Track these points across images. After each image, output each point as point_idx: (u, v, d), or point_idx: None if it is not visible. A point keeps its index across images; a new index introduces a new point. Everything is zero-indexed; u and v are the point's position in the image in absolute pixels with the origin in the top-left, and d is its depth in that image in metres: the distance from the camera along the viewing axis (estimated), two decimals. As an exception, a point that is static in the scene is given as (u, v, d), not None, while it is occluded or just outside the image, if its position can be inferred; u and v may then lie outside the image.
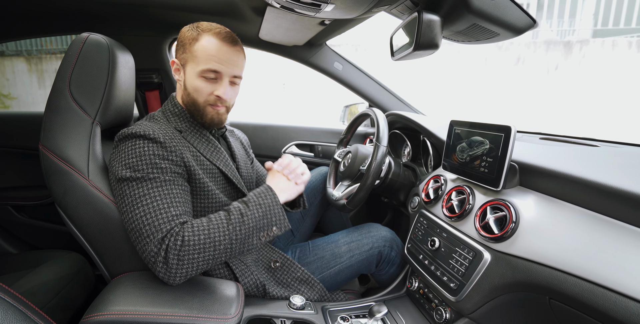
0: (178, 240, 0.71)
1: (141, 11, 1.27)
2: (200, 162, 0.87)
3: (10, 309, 0.50)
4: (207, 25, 0.87)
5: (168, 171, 0.77)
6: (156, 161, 0.76)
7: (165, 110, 0.92)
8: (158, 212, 0.73)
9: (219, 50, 0.84)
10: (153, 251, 0.70)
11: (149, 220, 0.72)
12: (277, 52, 1.52)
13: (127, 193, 0.75)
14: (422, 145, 1.30)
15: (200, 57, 0.84)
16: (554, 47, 5.20)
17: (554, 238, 0.64)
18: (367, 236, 1.08)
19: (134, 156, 0.76)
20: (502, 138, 0.75)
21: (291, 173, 0.93)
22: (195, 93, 0.87)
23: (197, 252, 0.71)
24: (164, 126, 0.85)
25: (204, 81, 0.85)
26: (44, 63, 6.11)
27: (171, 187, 0.77)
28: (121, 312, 0.66)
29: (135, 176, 0.75)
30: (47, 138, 0.84)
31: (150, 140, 0.78)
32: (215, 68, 0.84)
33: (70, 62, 0.87)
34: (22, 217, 1.56)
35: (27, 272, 1.10)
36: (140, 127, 0.80)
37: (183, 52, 0.87)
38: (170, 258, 0.70)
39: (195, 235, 0.72)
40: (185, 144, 0.85)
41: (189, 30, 0.86)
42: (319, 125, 1.73)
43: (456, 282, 0.79)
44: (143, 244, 0.72)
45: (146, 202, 0.73)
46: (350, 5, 0.76)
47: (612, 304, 0.51)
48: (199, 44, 0.84)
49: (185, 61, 0.87)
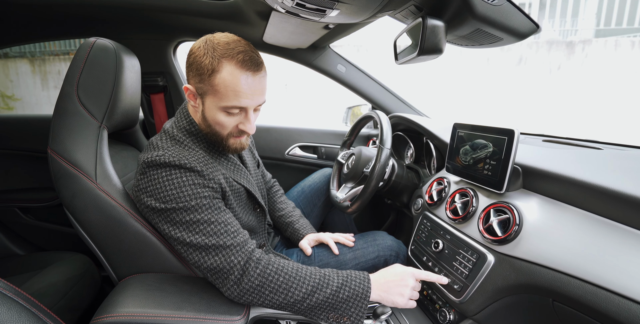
0: (259, 265, 0.73)
1: (147, 15, 1.28)
2: (230, 184, 0.86)
3: (24, 312, 0.51)
4: (224, 47, 0.74)
5: (210, 198, 0.76)
6: (197, 191, 0.74)
7: (181, 128, 0.83)
8: (219, 233, 0.74)
9: (244, 85, 0.74)
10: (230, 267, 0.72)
11: (214, 241, 0.73)
12: (281, 54, 1.53)
13: (176, 220, 0.74)
14: (425, 147, 1.31)
15: (223, 93, 0.74)
16: (557, 47, 5.19)
17: (558, 241, 0.64)
18: (372, 245, 1.07)
19: (173, 187, 0.73)
20: (505, 142, 0.75)
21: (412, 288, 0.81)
22: (217, 126, 0.80)
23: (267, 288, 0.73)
24: (193, 150, 0.81)
25: (227, 116, 0.78)
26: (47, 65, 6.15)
27: (218, 207, 0.77)
28: (130, 314, 0.68)
29: (179, 206, 0.73)
30: (55, 142, 0.85)
31: (187, 169, 0.74)
32: (242, 105, 0.76)
33: (77, 67, 0.88)
34: (29, 219, 1.57)
35: (34, 274, 1.11)
36: (171, 154, 0.75)
37: (200, 81, 0.75)
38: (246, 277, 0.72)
39: (274, 271, 0.74)
40: (216, 168, 0.82)
41: (205, 56, 0.73)
42: (322, 127, 1.74)
43: (460, 284, 0.80)
44: (213, 261, 0.73)
45: (203, 227, 0.73)
46: (354, 11, 0.77)
47: (615, 307, 0.51)
48: (221, 77, 0.73)
49: (203, 92, 0.76)
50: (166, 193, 0.73)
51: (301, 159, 1.70)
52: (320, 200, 1.35)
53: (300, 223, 1.15)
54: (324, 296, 0.74)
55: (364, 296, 0.76)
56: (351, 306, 0.75)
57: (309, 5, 0.75)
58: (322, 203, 1.35)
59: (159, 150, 0.76)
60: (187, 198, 0.73)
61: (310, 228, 1.15)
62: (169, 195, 0.73)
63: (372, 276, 0.80)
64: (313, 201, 1.33)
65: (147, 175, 0.75)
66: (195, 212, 0.73)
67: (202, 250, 0.73)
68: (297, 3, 0.75)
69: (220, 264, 0.72)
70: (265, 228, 1.04)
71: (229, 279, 0.72)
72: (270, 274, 0.73)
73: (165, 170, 0.74)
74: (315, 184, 1.36)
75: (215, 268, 0.72)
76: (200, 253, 0.73)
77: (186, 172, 0.74)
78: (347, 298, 0.75)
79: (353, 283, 0.76)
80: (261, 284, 0.72)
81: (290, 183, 1.49)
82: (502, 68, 5.37)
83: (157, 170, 0.74)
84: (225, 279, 0.72)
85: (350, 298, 0.75)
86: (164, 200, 0.73)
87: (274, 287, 0.72)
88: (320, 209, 1.36)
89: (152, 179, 0.75)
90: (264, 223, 1.03)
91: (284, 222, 1.16)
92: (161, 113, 1.59)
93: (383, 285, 0.79)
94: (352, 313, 0.75)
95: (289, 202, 1.23)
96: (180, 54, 1.60)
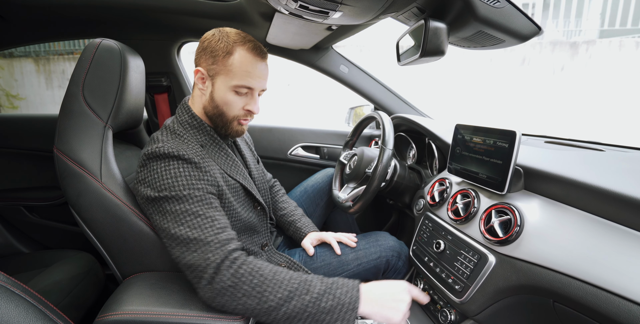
0: (233, 265, 0.69)
1: (151, 16, 1.30)
2: (226, 179, 0.87)
3: (31, 308, 0.52)
4: (236, 35, 0.83)
5: (204, 190, 0.77)
6: (192, 181, 0.76)
7: (183, 122, 0.88)
8: (203, 227, 0.72)
9: (254, 66, 0.83)
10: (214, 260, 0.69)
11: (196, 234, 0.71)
12: (284, 55, 1.54)
13: (167, 209, 0.74)
14: (427, 148, 1.31)
15: (235, 72, 0.82)
16: (560, 48, 5.17)
17: (559, 242, 0.65)
18: (374, 245, 1.08)
19: (170, 176, 0.75)
20: (507, 143, 0.75)
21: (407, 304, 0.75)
22: (225, 106, 0.85)
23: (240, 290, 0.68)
24: (191, 143, 0.84)
25: (236, 95, 0.84)
26: (51, 64, 6.18)
27: (210, 202, 0.76)
28: (134, 312, 0.68)
29: (171, 195, 0.74)
30: (61, 141, 0.86)
31: (184, 160, 0.77)
32: (250, 85, 0.84)
33: (83, 67, 0.89)
34: (34, 217, 1.59)
35: (39, 271, 1.12)
36: (170, 146, 0.78)
37: (213, 63, 0.82)
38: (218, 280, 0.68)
39: (249, 272, 0.69)
40: (212, 163, 0.85)
41: (220, 41, 0.82)
42: (324, 127, 1.75)
43: (461, 284, 0.80)
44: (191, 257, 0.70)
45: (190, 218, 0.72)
46: (357, 13, 0.78)
47: (615, 308, 0.52)
48: (234, 59, 0.81)
49: (215, 73, 0.83)
50: (162, 181, 0.75)
51: (304, 159, 1.71)
52: (323, 200, 1.35)
53: (302, 221, 1.16)
54: (302, 303, 0.66)
55: (351, 307, 0.68)
56: (335, 319, 0.67)
57: (312, 7, 0.76)
58: (325, 203, 1.36)
59: (159, 143, 0.80)
60: (180, 188, 0.74)
61: (312, 226, 1.15)
62: (165, 183, 0.75)
63: (363, 286, 0.73)
64: (315, 202, 1.34)
65: (147, 167, 0.78)
66: (185, 202, 0.74)
67: (184, 245, 0.71)
68: (300, 5, 0.76)
69: (197, 261, 0.69)
70: (267, 226, 1.05)
71: (202, 279, 0.68)
72: (244, 275, 0.68)
73: (164, 161, 0.77)
74: (317, 184, 1.36)
75: (192, 265, 0.69)
76: (181, 248, 0.71)
77: (184, 163, 0.77)
78: (330, 308, 0.67)
79: (338, 291, 0.69)
80: (234, 285, 0.67)
81: (292, 183, 1.49)
82: (505, 69, 5.35)
83: (157, 161, 0.77)
84: (200, 278, 0.69)
85: (334, 308, 0.67)
86: (159, 188, 0.75)
87: (247, 289, 0.67)
88: (323, 209, 1.36)
89: (150, 170, 0.77)
90: (266, 222, 1.03)
91: (286, 221, 1.17)
92: (165, 113, 1.61)
93: (377, 297, 0.72)
94: None
95: (290, 201, 1.24)
96: (184, 54, 1.61)
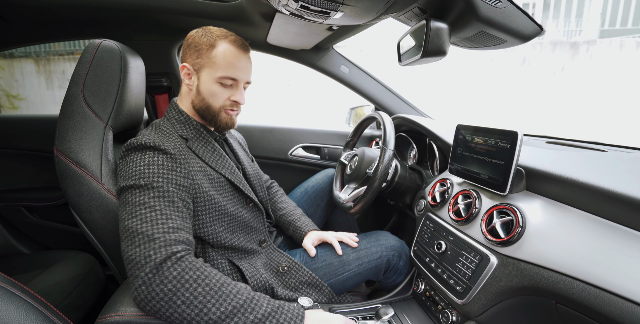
0: (177, 268, 0.64)
1: (152, 17, 1.29)
2: (207, 173, 0.87)
3: (31, 310, 0.52)
4: (218, 31, 0.88)
5: (173, 182, 0.76)
6: (164, 171, 0.76)
7: (170, 118, 0.91)
8: (155, 222, 0.68)
9: (237, 58, 0.86)
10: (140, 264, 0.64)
11: (144, 229, 0.67)
12: (284, 55, 1.54)
13: (128, 200, 0.72)
14: (428, 148, 1.31)
15: (219, 64, 0.85)
16: (561, 48, 5.16)
17: (561, 243, 0.64)
18: (375, 245, 1.08)
19: (142, 164, 0.76)
20: (509, 144, 0.75)
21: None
22: (211, 98, 0.88)
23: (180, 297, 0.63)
24: (171, 136, 0.86)
25: (221, 87, 0.87)
26: (52, 65, 6.19)
27: (174, 199, 0.74)
28: (135, 313, 0.68)
29: (138, 183, 0.73)
30: (61, 142, 0.86)
31: (160, 151, 0.78)
32: (234, 76, 0.87)
33: (83, 68, 0.89)
34: (34, 218, 1.58)
35: (39, 272, 1.12)
36: (149, 138, 0.79)
37: (197, 57, 0.87)
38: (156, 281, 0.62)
39: (194, 279, 0.64)
40: (192, 156, 0.85)
41: (203, 36, 0.87)
42: (325, 128, 1.75)
43: (463, 285, 0.80)
44: (132, 253, 0.66)
45: (145, 211, 0.70)
46: (359, 13, 0.78)
47: (618, 310, 0.51)
48: (217, 51, 0.85)
49: (200, 66, 0.87)
50: (134, 169, 0.76)
51: (304, 160, 1.71)
52: (324, 201, 1.35)
53: (302, 220, 1.16)
54: (244, 322, 0.64)
55: None
56: None
57: (313, 7, 0.76)
58: (325, 203, 1.36)
59: (139, 136, 0.82)
60: (150, 175, 0.74)
61: (312, 225, 1.15)
62: (136, 171, 0.75)
63: (306, 314, 0.72)
64: (316, 202, 1.34)
65: (124, 158, 0.80)
66: (146, 195, 0.71)
67: (131, 238, 0.67)
68: (301, 5, 0.75)
69: (138, 256, 0.64)
70: (265, 225, 1.04)
71: (138, 277, 0.63)
72: (188, 281, 0.64)
73: (141, 151, 0.79)
74: (318, 185, 1.36)
75: (132, 260, 0.65)
76: (127, 240, 0.67)
77: (159, 153, 0.78)
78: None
79: (283, 317, 0.67)
80: (175, 290, 0.62)
81: (293, 184, 1.49)
82: (505, 69, 5.35)
83: (134, 152, 0.79)
84: (135, 276, 0.63)
85: None
86: (129, 176, 0.75)
87: (188, 297, 0.63)
88: (324, 210, 1.36)
89: (127, 160, 0.79)
90: (262, 220, 1.03)
91: (286, 221, 1.17)
92: (165, 114, 1.60)
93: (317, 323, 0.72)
94: None
95: (290, 201, 1.24)
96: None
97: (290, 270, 0.98)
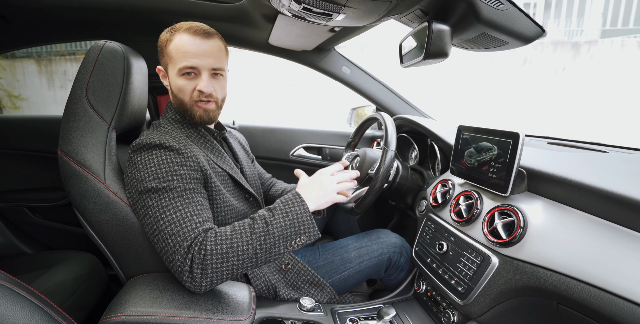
0: (202, 249, 0.70)
1: (154, 18, 1.30)
2: (212, 166, 0.89)
3: (37, 310, 0.52)
4: (180, 24, 0.87)
5: (187, 177, 0.78)
6: (175, 168, 0.77)
7: (168, 118, 0.92)
8: (182, 221, 0.73)
9: (191, 45, 0.83)
10: (179, 261, 0.70)
11: (174, 230, 0.72)
12: (286, 56, 1.54)
13: (150, 204, 0.75)
14: (430, 149, 1.31)
15: (175, 57, 0.84)
16: (562, 48, 5.16)
17: (562, 244, 0.65)
18: (376, 242, 1.08)
19: (153, 165, 0.77)
20: (510, 145, 0.76)
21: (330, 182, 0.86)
22: (180, 94, 0.88)
23: (220, 261, 0.70)
24: (174, 133, 0.87)
25: (185, 79, 0.86)
26: (53, 65, 6.20)
27: (192, 195, 0.77)
28: (138, 313, 0.69)
29: (157, 186, 0.75)
30: (65, 143, 0.87)
31: (166, 148, 0.79)
32: (191, 64, 0.83)
33: (87, 69, 0.89)
34: (37, 218, 1.59)
35: (42, 272, 1.13)
36: (153, 137, 0.81)
37: (162, 56, 0.88)
38: (195, 267, 0.69)
39: (217, 244, 0.71)
40: (197, 149, 0.87)
41: (164, 34, 0.87)
42: (326, 128, 1.75)
43: (464, 286, 0.80)
44: (170, 254, 0.72)
45: (170, 213, 0.73)
46: (361, 15, 0.78)
47: (619, 310, 0.52)
48: (173, 44, 0.84)
49: (165, 65, 0.88)
50: (146, 171, 0.76)
51: (305, 160, 1.71)
52: (325, 201, 1.36)
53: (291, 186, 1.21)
54: (272, 235, 0.73)
55: (304, 210, 0.77)
56: (299, 225, 0.76)
57: (315, 9, 0.76)
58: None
59: (143, 137, 0.83)
60: (163, 176, 0.75)
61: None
62: (148, 172, 0.76)
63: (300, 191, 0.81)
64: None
65: (132, 160, 0.81)
66: (168, 196, 0.75)
67: (164, 240, 0.72)
68: (304, 7, 0.76)
69: (176, 254, 0.71)
70: None
71: (183, 272, 0.70)
72: (213, 249, 0.71)
73: (147, 151, 0.79)
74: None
75: (173, 259, 0.71)
76: (162, 243, 0.73)
77: (166, 151, 0.79)
78: (290, 222, 0.75)
79: (288, 207, 0.77)
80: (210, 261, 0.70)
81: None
82: (506, 69, 5.35)
83: (140, 153, 0.80)
84: (180, 271, 0.71)
85: (294, 220, 0.75)
86: (142, 178, 0.76)
87: (222, 257, 0.71)
88: (325, 210, 1.36)
89: (135, 162, 0.80)
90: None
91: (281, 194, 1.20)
92: (167, 114, 1.61)
93: (311, 195, 0.81)
94: (303, 229, 0.76)
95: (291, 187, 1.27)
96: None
97: (293, 269, 0.98)
